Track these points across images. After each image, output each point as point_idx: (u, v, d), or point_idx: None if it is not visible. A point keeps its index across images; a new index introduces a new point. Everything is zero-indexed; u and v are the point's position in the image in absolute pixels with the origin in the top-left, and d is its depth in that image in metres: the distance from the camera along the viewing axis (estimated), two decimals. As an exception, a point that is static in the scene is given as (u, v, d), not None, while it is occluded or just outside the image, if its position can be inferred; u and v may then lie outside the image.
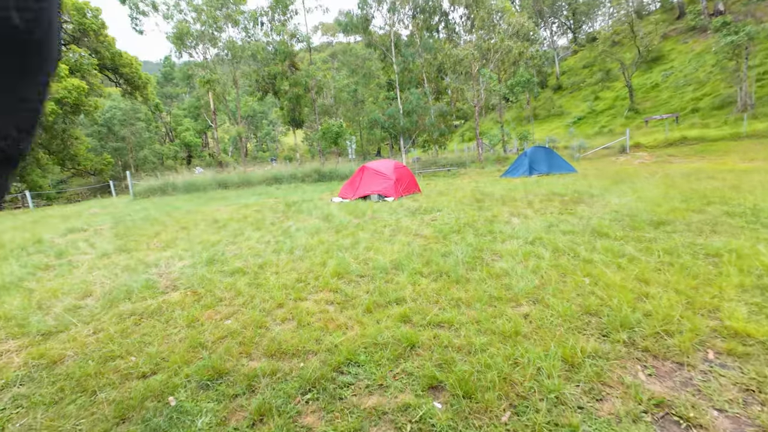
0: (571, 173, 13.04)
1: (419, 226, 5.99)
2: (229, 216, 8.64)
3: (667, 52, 34.06)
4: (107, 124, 43.48)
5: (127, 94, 30.36)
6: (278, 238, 6.01)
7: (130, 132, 43.96)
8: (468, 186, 11.47)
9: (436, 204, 8.00)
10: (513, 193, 9.03)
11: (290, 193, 13.17)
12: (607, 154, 19.74)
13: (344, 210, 8.05)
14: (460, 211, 7.01)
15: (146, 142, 45.59)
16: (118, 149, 43.78)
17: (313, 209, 8.51)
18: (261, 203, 10.48)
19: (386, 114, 17.16)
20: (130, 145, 44.78)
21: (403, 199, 9.12)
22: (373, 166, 9.62)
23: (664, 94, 27.91)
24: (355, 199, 9.46)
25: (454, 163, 18.69)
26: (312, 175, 16.46)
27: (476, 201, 8.14)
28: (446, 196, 9.13)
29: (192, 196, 14.47)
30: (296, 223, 7.17)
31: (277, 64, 18.24)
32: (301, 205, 9.31)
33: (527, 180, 11.88)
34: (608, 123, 27.93)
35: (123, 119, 43.51)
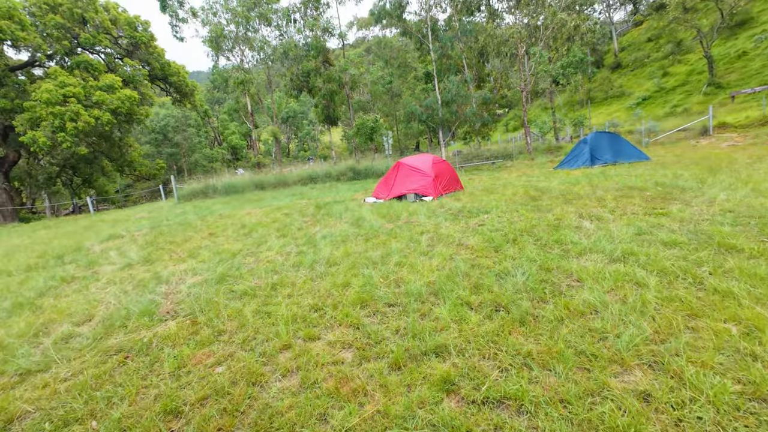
0: (644, 161, 11.08)
1: (463, 234, 4.98)
2: (258, 220, 8.22)
3: (757, 14, 28.91)
4: (162, 131, 46.92)
5: (176, 102, 32.09)
6: (301, 247, 5.34)
7: (182, 138, 47.07)
8: (518, 181, 10.11)
9: (483, 204, 6.89)
10: (575, 188, 7.62)
11: (324, 193, 12.65)
12: (683, 138, 16.93)
13: (377, 213, 7.24)
14: (512, 213, 5.86)
15: (197, 147, 48.54)
16: (173, 154, 47.07)
17: (344, 212, 7.79)
18: (292, 205, 10.01)
19: (423, 105, 16.02)
20: (183, 150, 47.97)
21: (443, 198, 8.10)
22: (409, 162, 8.69)
23: (755, 63, 23.58)
24: (389, 200, 8.61)
25: (499, 155, 17.10)
26: (347, 173, 15.89)
27: (531, 199, 6.89)
28: (494, 194, 7.95)
29: (230, 198, 14.56)
30: (323, 228, 6.48)
31: (310, 60, 17.87)
32: (332, 207, 8.66)
33: (589, 171, 10.23)
34: (682, 102, 24.25)
35: (176, 126, 46.66)
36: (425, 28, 16.60)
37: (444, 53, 16.47)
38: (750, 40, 26.41)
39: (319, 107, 18.79)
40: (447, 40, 16.24)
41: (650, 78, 30.60)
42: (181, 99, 33.04)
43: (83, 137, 18.28)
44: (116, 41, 24.17)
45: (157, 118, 45.44)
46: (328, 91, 17.64)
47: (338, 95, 18.67)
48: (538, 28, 15.56)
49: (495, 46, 15.79)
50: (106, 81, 19.33)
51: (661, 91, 27.63)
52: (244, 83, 18.26)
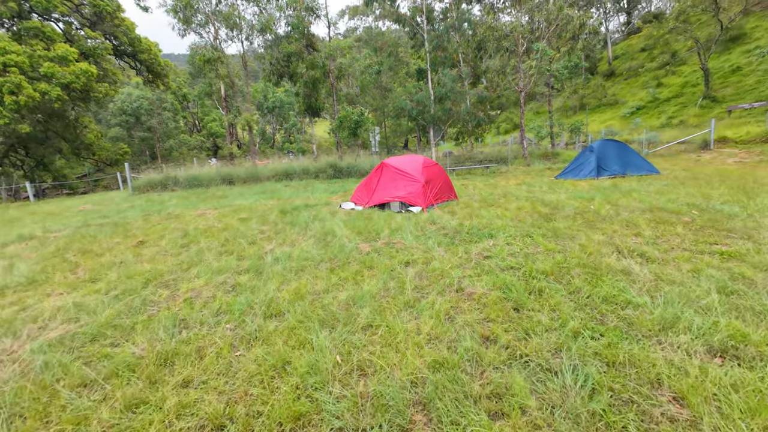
0: (653, 175, 10.06)
1: (464, 271, 3.63)
2: (207, 226, 6.66)
3: (750, 30, 28.85)
4: (135, 114, 43.78)
5: (148, 82, 29.59)
6: (241, 277, 3.87)
7: (156, 122, 44.06)
8: (518, 190, 8.87)
9: (485, 222, 5.56)
10: (591, 204, 6.40)
11: (297, 192, 11.11)
12: (683, 150, 16.22)
13: (352, 225, 5.81)
14: (524, 238, 4.55)
15: (172, 133, 45.59)
16: (145, 139, 44.02)
17: (312, 221, 6.33)
18: (255, 207, 8.47)
19: (414, 100, 14.62)
20: (157, 135, 44.95)
21: (434, 210, 6.75)
22: (396, 164, 7.28)
23: (749, 78, 23.30)
24: (369, 207, 7.20)
25: (493, 159, 15.92)
26: (327, 170, 14.34)
27: (543, 218, 5.62)
28: (495, 208, 6.65)
29: (191, 193, 12.80)
30: (281, 245, 5.02)
31: (291, 42, 16.09)
32: (300, 213, 7.17)
33: (598, 184, 9.09)
34: (677, 113, 23.78)
35: (150, 109, 43.59)
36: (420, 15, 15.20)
37: (439, 44, 15.08)
38: (744, 55, 26.24)
39: (301, 96, 17.07)
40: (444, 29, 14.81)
41: (644, 88, 30.22)
42: (153, 79, 30.55)
43: (27, 113, 16.00)
44: (77, 9, 21.67)
45: (129, 99, 42.32)
46: (310, 78, 15.95)
47: (322, 84, 17.00)
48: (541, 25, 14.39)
49: (495, 40, 14.53)
50: (58, 52, 17.03)
51: (655, 101, 27.19)
52: (211, 62, 16.33)
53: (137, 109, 42.51)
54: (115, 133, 42.56)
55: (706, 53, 22.90)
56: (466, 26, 15.87)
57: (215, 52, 16.59)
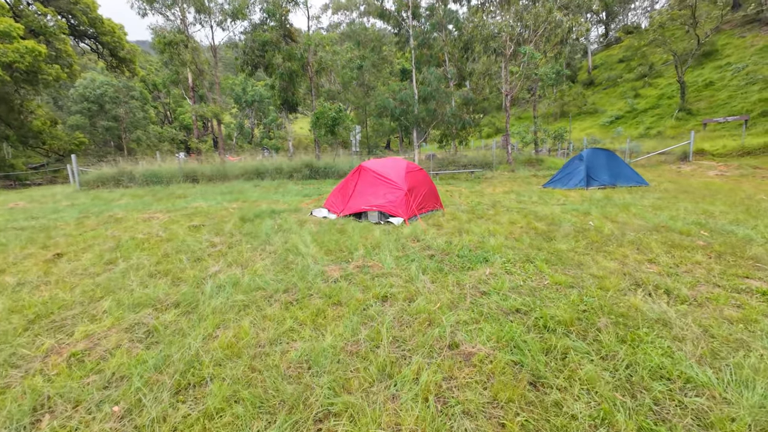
0: (642, 186, 9.72)
1: (457, 313, 2.84)
2: (148, 234, 5.59)
3: (721, 46, 29.99)
4: (98, 102, 40.72)
5: (112, 68, 27.36)
6: (163, 316, 2.93)
7: (123, 111, 41.15)
8: (507, 199, 8.24)
9: (475, 238, 4.82)
10: (588, 219, 5.81)
11: (267, 194, 10.07)
12: (663, 161, 16.28)
13: (322, 240, 4.93)
14: (525, 264, 3.83)
15: (141, 123, 42.77)
16: (110, 129, 41.04)
17: (275, 233, 5.40)
18: (214, 211, 7.41)
19: (398, 98, 13.84)
20: (124, 125, 42.02)
21: (417, 222, 5.96)
22: (376, 168, 6.44)
23: (722, 93, 24.04)
24: (344, 216, 6.33)
25: (478, 164, 15.39)
26: (302, 170, 13.31)
27: (541, 237, 4.94)
28: (486, 221, 5.93)
29: (147, 191, 11.48)
30: (230, 266, 4.07)
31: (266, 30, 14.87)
32: (263, 221, 6.21)
33: (589, 195, 8.61)
34: (654, 124, 24.23)
35: (115, 96, 40.65)
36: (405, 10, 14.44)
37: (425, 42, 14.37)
38: (716, 70, 27.15)
39: (276, 89, 15.88)
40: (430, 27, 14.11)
41: (622, 98, 30.83)
42: (117, 65, 28.34)
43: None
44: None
45: (92, 86, 39.23)
46: (287, 70, 14.81)
47: (301, 78, 15.90)
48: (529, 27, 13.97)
49: (482, 39, 13.97)
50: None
51: (633, 111, 27.72)
52: (173, 45, 14.88)
53: (101, 97, 39.48)
54: (75, 121, 39.36)
55: (682, 66, 23.42)
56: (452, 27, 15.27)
57: (177, 35, 15.12)
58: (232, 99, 49.85)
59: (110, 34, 23.45)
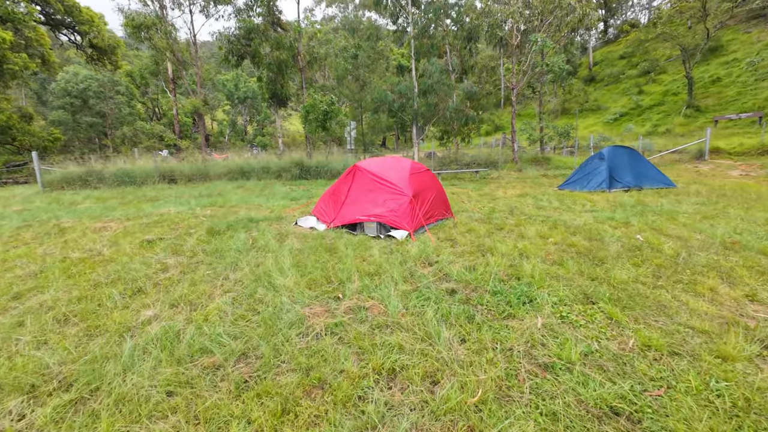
0: (670, 189, 8.72)
1: (510, 405, 1.74)
2: (86, 254, 4.44)
3: (727, 42, 29.23)
4: (81, 97, 38.96)
5: (92, 60, 25.83)
6: (20, 424, 1.79)
7: (108, 107, 39.44)
8: (524, 204, 7.18)
9: (505, 261, 3.73)
10: (633, 232, 4.76)
11: (249, 197, 8.91)
12: (677, 160, 15.35)
13: (305, 263, 3.82)
14: (587, 308, 2.75)
15: (127, 119, 41.06)
16: (93, 125, 39.31)
17: (247, 253, 4.28)
18: (181, 219, 6.25)
19: (396, 91, 12.71)
20: (109, 121, 40.31)
21: (425, 234, 4.88)
22: (373, 168, 5.33)
23: (729, 90, 23.23)
24: (335, 228, 5.21)
25: (482, 163, 14.34)
26: (291, 170, 12.14)
27: (588, 259, 3.87)
28: (509, 234, 4.86)
29: (116, 193, 10.25)
30: (174, 308, 2.95)
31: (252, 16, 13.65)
32: (234, 236, 5.07)
33: (615, 199, 7.57)
34: (661, 121, 23.35)
35: (99, 91, 38.91)
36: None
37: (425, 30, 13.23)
38: (722, 66, 26.35)
39: (264, 81, 14.64)
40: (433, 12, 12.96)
41: (625, 94, 29.96)
42: (98, 57, 26.80)
43: None
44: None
45: (75, 80, 37.48)
46: (275, 60, 13.58)
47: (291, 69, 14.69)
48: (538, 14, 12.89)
49: (489, 27, 12.91)
50: (-43, 10, 13.66)
51: (637, 108, 26.85)
52: (143, 28, 13.59)
53: (84, 92, 37.71)
54: (57, 117, 37.61)
55: (690, 61, 22.55)
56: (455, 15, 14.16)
57: (147, 18, 13.82)
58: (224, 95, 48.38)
59: (88, 24, 21.96)
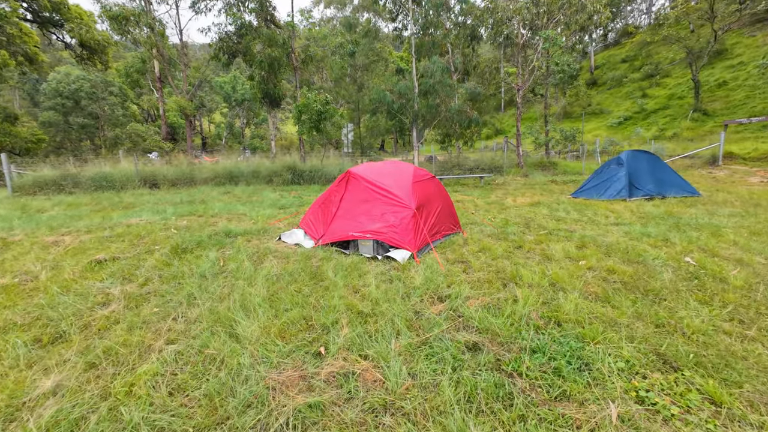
0: (695, 197, 7.98)
1: None
2: (14, 280, 3.62)
3: (731, 45, 28.77)
4: (73, 97, 38.11)
5: (81, 60, 25.00)
6: None
7: (100, 108, 38.59)
8: (538, 215, 6.41)
9: (534, 295, 2.93)
10: (675, 250, 3.99)
11: (232, 205, 8.10)
12: (689, 165, 14.66)
13: (280, 299, 3.02)
14: (673, 381, 1.96)
15: (120, 120, 40.18)
16: (85, 126, 38.41)
17: (213, 280, 3.47)
18: (147, 233, 5.45)
19: (396, 91, 11.96)
20: (102, 122, 39.42)
21: (431, 253, 4.09)
22: (370, 175, 4.55)
23: (737, 93, 22.67)
24: (324, 245, 4.41)
25: (485, 167, 13.60)
26: (283, 174, 11.35)
27: (633, 288, 3.09)
28: (531, 255, 4.06)
29: (91, 198, 9.42)
30: (88, 371, 2.14)
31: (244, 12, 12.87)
32: (207, 252, 4.26)
33: (638, 208, 6.82)
34: (668, 125, 22.74)
35: (92, 92, 38.08)
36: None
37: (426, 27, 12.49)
38: (728, 70, 25.84)
39: (256, 79, 13.84)
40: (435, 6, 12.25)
41: (628, 98, 29.41)
42: (88, 56, 25.99)
43: None
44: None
45: (66, 80, 36.64)
46: (267, 57, 12.78)
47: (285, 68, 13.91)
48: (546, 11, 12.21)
49: (494, 24, 12.24)
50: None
51: (642, 112, 26.26)
52: (120, 20, 12.82)
53: (76, 92, 36.93)
54: (48, 118, 36.73)
55: (697, 64, 21.98)
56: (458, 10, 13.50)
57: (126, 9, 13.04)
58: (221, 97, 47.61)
59: (77, 21, 21.17)
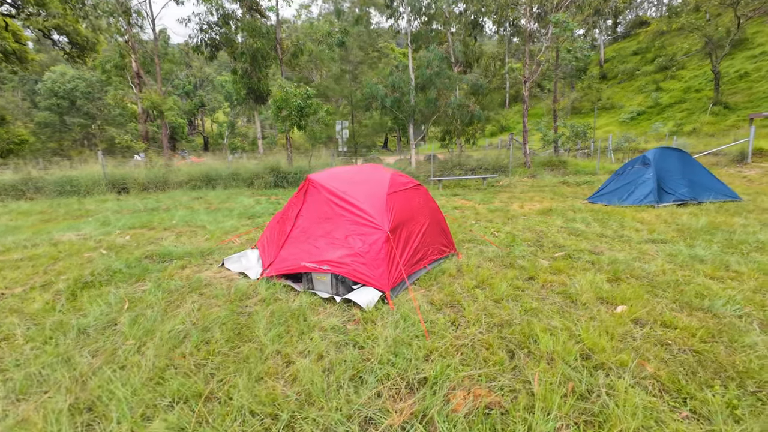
0: (736, 202, 6.79)
1: None
2: None
3: (752, 35, 27.17)
4: (69, 97, 37.54)
5: (71, 59, 24.16)
6: None
7: (96, 108, 37.98)
8: (551, 227, 5.28)
9: (558, 375, 1.83)
10: (745, 285, 2.86)
11: (197, 214, 7.07)
12: (714, 164, 13.36)
13: (169, 385, 1.95)
14: None
15: (117, 120, 39.57)
16: (81, 126, 37.80)
17: (96, 337, 2.40)
18: (71, 253, 4.44)
19: (389, 84, 10.88)
20: (98, 122, 38.79)
21: (407, 292, 3.01)
22: (333, 184, 3.49)
23: (761, 85, 21.17)
24: (271, 277, 3.34)
25: (489, 167, 12.45)
26: (265, 176, 10.33)
27: (711, 362, 1.96)
28: (546, 293, 2.95)
29: (47, 205, 8.46)
30: None
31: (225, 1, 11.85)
32: (112, 289, 3.22)
33: (669, 216, 5.66)
34: (685, 120, 21.32)
35: (87, 92, 37.48)
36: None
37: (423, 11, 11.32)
38: (749, 60, 24.30)
39: (239, 74, 12.79)
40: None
41: (641, 92, 27.94)
42: (79, 54, 25.17)
43: None
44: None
45: (62, 80, 36.06)
46: (248, 49, 11.71)
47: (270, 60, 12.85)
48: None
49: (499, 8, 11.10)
50: None
51: (656, 106, 24.81)
52: (69, 2, 11.73)
53: (71, 92, 36.36)
54: (44, 118, 36.21)
55: (717, 54, 20.51)
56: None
57: None
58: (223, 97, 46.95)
59: (62, 17, 20.31)
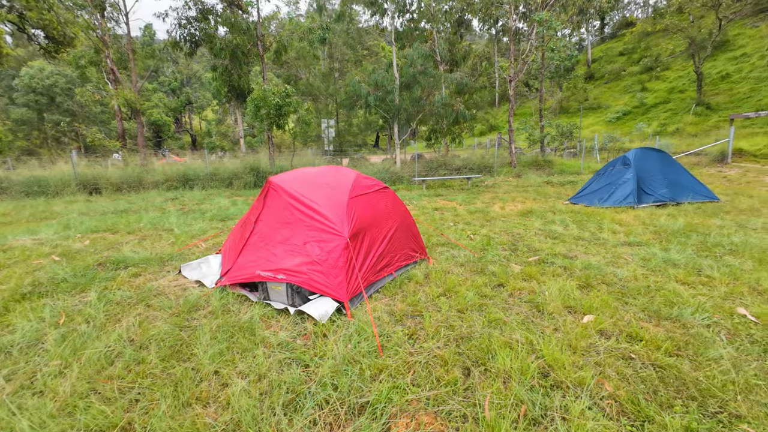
0: (714, 203, 6.80)
1: None
2: None
3: (733, 37, 27.68)
4: (48, 93, 36.40)
5: (47, 53, 23.28)
6: None
7: (77, 104, 36.91)
8: (529, 229, 5.18)
9: (511, 399, 1.68)
10: (715, 291, 2.77)
11: (167, 216, 6.79)
12: (696, 164, 13.53)
13: (85, 417, 1.74)
14: None
15: (99, 118, 38.54)
16: (60, 123, 36.69)
17: (19, 357, 2.17)
18: (18, 260, 4.16)
19: (372, 82, 10.69)
20: (79, 120, 37.71)
21: (363, 306, 2.84)
22: (294, 187, 3.30)
23: (741, 86, 21.56)
24: (225, 286, 3.13)
25: (474, 167, 12.36)
26: (245, 176, 10.04)
27: (675, 379, 1.84)
28: (512, 298, 2.81)
29: (11, 207, 8.07)
30: None
31: (205, -7, 11.43)
32: (49, 302, 2.97)
33: (648, 218, 5.61)
34: (669, 120, 21.60)
35: (67, 88, 36.39)
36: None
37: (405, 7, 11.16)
38: (731, 62, 24.74)
39: (218, 70, 12.43)
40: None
41: (627, 92, 28.28)
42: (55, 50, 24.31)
43: None
44: None
45: (40, 75, 34.92)
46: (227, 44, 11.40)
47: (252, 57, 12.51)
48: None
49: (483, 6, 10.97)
50: None
51: (641, 106, 25.11)
52: None
53: (50, 88, 35.24)
54: (21, 115, 35.02)
55: (700, 55, 20.82)
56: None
57: None
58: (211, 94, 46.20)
59: (38, 10, 19.56)
